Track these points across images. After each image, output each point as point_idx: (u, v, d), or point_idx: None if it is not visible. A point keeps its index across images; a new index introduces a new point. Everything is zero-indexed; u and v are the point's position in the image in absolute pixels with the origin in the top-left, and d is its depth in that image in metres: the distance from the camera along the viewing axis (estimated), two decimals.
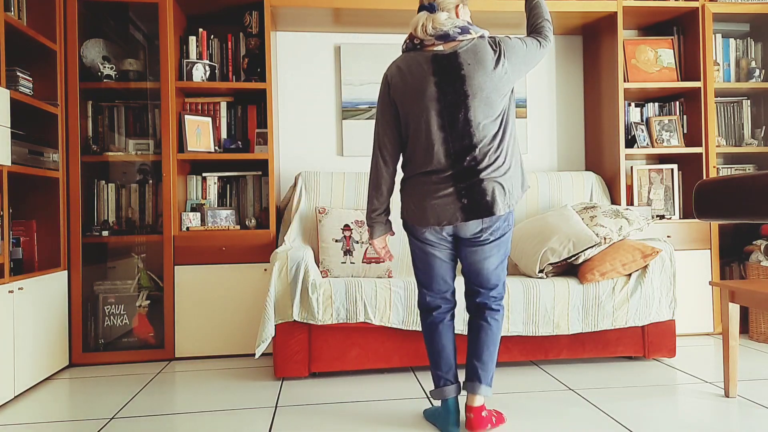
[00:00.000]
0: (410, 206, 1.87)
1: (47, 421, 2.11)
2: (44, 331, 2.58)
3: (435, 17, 1.80)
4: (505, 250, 1.92)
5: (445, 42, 1.80)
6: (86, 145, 2.98)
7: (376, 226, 1.96)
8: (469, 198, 1.78)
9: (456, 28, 1.79)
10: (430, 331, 1.98)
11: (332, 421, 2.04)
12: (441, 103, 1.79)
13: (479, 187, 1.78)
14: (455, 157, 1.79)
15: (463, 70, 1.77)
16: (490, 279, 1.92)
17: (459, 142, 1.79)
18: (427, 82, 1.80)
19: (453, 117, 1.78)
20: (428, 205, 1.81)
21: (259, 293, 2.96)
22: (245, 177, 3.23)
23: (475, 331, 1.94)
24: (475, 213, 1.78)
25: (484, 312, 1.93)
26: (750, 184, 1.48)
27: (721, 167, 3.53)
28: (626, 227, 2.73)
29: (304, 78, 3.42)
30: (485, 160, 1.78)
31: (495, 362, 1.93)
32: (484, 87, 1.78)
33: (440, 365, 1.95)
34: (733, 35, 3.54)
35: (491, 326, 1.92)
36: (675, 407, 2.11)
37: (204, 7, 3.10)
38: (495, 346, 1.92)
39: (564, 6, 3.18)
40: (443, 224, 1.81)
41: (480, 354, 1.90)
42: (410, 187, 1.88)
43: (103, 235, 2.94)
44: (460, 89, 1.77)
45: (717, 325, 3.25)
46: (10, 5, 2.48)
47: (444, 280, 1.97)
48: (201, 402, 2.28)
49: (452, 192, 1.79)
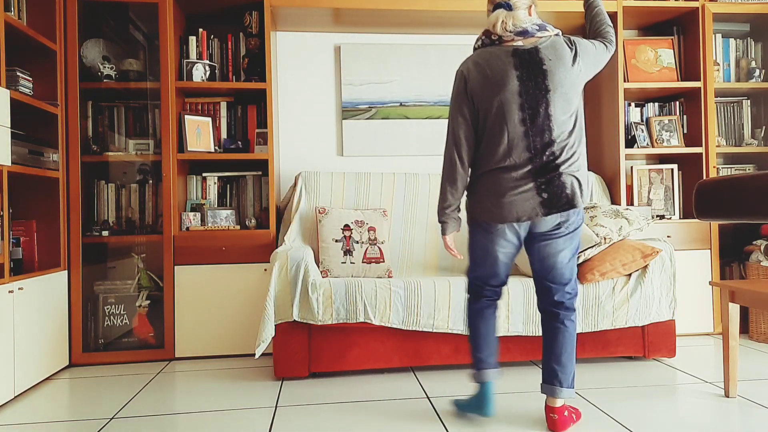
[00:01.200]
0: (485, 203, 1.86)
1: (47, 421, 2.11)
2: (44, 331, 2.58)
3: (515, 14, 1.83)
4: (578, 244, 1.93)
5: (525, 38, 1.83)
6: (86, 145, 2.98)
7: (449, 222, 1.96)
8: (549, 192, 1.79)
9: (534, 26, 1.84)
10: (478, 315, 2.00)
11: (332, 421, 2.04)
12: (523, 97, 1.80)
13: (559, 180, 1.79)
14: (536, 152, 1.80)
15: (545, 65, 1.80)
16: (564, 273, 1.92)
17: (540, 137, 1.80)
18: (509, 75, 1.81)
19: (534, 111, 1.80)
20: (507, 201, 1.81)
21: (259, 293, 2.96)
22: (245, 177, 3.23)
23: (552, 333, 1.93)
24: (556, 207, 1.80)
25: (560, 313, 1.92)
26: (750, 184, 1.48)
27: (721, 167, 3.53)
28: (626, 227, 2.73)
29: (304, 78, 3.42)
30: (563, 154, 1.80)
31: (574, 363, 1.93)
32: (564, 83, 1.81)
33: (483, 348, 1.97)
34: (733, 35, 3.54)
35: (568, 328, 1.92)
36: (675, 407, 2.11)
37: (204, 7, 3.10)
38: (573, 347, 1.92)
39: (564, 6, 3.18)
40: (523, 220, 1.82)
41: (559, 357, 1.90)
42: (486, 183, 1.86)
43: (103, 235, 2.94)
44: (541, 84, 1.79)
45: (717, 325, 3.25)
46: (10, 5, 2.48)
47: (504, 275, 1.98)
48: (201, 402, 2.28)
49: (532, 187, 1.80)
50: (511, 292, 2.56)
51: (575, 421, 1.96)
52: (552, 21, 3.32)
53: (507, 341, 2.61)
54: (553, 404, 1.90)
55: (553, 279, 1.92)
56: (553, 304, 1.93)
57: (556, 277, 1.92)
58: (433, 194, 3.17)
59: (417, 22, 3.30)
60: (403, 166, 3.47)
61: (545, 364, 1.93)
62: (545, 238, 1.88)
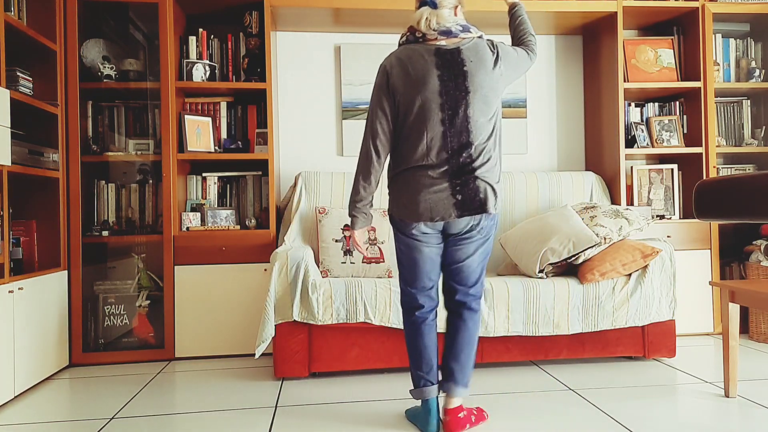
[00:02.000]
0: (402, 201, 1.86)
1: (47, 421, 2.11)
2: (44, 331, 2.58)
3: (439, 13, 1.82)
4: (488, 251, 1.93)
5: (447, 38, 1.83)
6: (86, 145, 2.98)
7: (359, 216, 1.94)
8: (463, 194, 1.79)
9: (458, 26, 1.83)
10: (413, 330, 1.97)
11: (332, 421, 2.04)
12: (443, 97, 1.79)
13: (473, 184, 1.80)
14: (452, 153, 1.80)
15: (466, 66, 1.80)
16: (470, 277, 1.92)
17: (457, 138, 1.80)
18: (430, 74, 1.80)
19: (454, 112, 1.79)
20: (422, 200, 1.81)
21: (259, 293, 2.96)
22: (245, 177, 3.23)
23: (453, 331, 1.93)
24: (468, 209, 1.80)
25: (463, 312, 1.93)
26: (750, 184, 1.48)
27: (721, 167, 3.53)
28: (626, 227, 2.73)
29: (304, 78, 3.42)
30: (480, 158, 1.81)
31: (473, 363, 1.93)
32: (484, 85, 1.81)
33: (421, 365, 1.94)
34: (733, 35, 3.54)
35: (469, 327, 1.92)
36: (675, 407, 2.11)
37: (204, 7, 3.10)
38: (472, 347, 1.92)
39: (564, 6, 3.18)
40: (436, 219, 1.81)
41: (457, 355, 1.90)
42: (403, 181, 1.86)
43: (103, 235, 2.94)
44: (461, 85, 1.79)
45: (717, 325, 3.25)
46: (10, 5, 2.48)
47: (429, 276, 1.95)
48: (201, 402, 2.28)
49: (447, 187, 1.80)
50: (512, 292, 2.56)
51: (474, 423, 1.93)
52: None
53: (507, 341, 2.61)
54: (448, 404, 1.89)
55: (459, 281, 1.93)
56: (456, 304, 1.94)
57: (462, 279, 1.92)
58: None
59: None
60: None
61: (444, 363, 1.92)
62: (457, 241, 1.88)
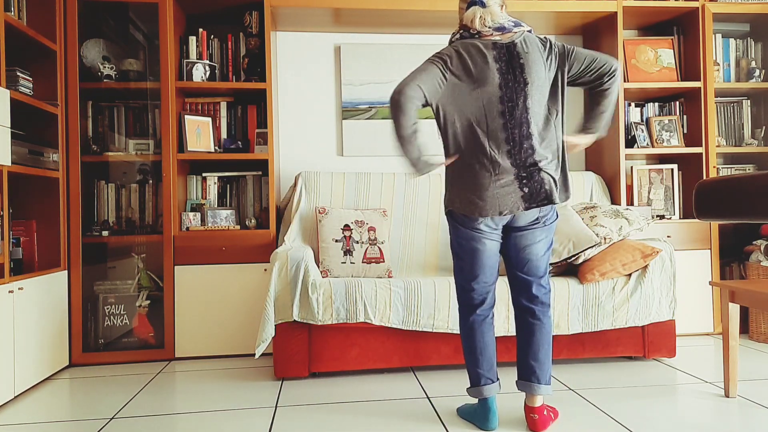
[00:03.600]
0: (466, 197, 1.84)
1: (47, 421, 2.11)
2: (44, 331, 2.58)
3: (492, 11, 1.85)
4: (552, 239, 1.94)
5: (502, 33, 1.85)
6: (86, 145, 2.98)
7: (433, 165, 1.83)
8: (529, 187, 1.80)
9: (510, 21, 1.87)
10: (473, 329, 1.95)
11: (332, 421, 2.04)
12: (503, 90, 1.81)
13: (538, 176, 1.81)
14: (514, 144, 1.81)
15: (522, 59, 1.82)
16: (540, 265, 1.92)
17: (518, 129, 1.80)
18: (489, 67, 1.82)
19: (513, 103, 1.81)
20: (490, 195, 1.81)
21: (259, 293, 2.96)
22: (245, 177, 3.23)
23: (528, 330, 1.92)
24: (536, 201, 1.81)
25: (536, 309, 1.92)
26: (750, 184, 1.48)
27: (721, 167, 3.53)
28: (626, 227, 2.73)
29: (304, 78, 3.42)
30: (541, 149, 1.82)
31: (551, 359, 1.93)
32: (541, 76, 1.83)
33: (482, 363, 1.93)
34: (733, 35, 3.54)
35: (544, 324, 1.92)
36: (675, 407, 2.11)
37: (204, 7, 3.10)
38: (550, 343, 1.92)
39: (564, 6, 3.18)
40: (505, 213, 1.81)
41: (536, 353, 1.90)
42: (464, 176, 1.85)
43: (103, 235, 2.94)
44: (519, 77, 1.81)
45: (717, 325, 3.25)
46: (10, 5, 2.48)
47: (491, 270, 1.94)
48: (201, 402, 2.28)
49: (513, 180, 1.80)
50: None
51: (554, 419, 1.95)
52: (552, 21, 3.34)
53: (507, 341, 2.61)
54: (533, 403, 1.89)
55: (528, 271, 1.92)
56: (529, 299, 1.93)
57: (531, 269, 1.92)
58: (434, 194, 3.17)
59: (416, 22, 3.30)
60: None
61: (522, 361, 1.92)
62: (522, 230, 1.88)
